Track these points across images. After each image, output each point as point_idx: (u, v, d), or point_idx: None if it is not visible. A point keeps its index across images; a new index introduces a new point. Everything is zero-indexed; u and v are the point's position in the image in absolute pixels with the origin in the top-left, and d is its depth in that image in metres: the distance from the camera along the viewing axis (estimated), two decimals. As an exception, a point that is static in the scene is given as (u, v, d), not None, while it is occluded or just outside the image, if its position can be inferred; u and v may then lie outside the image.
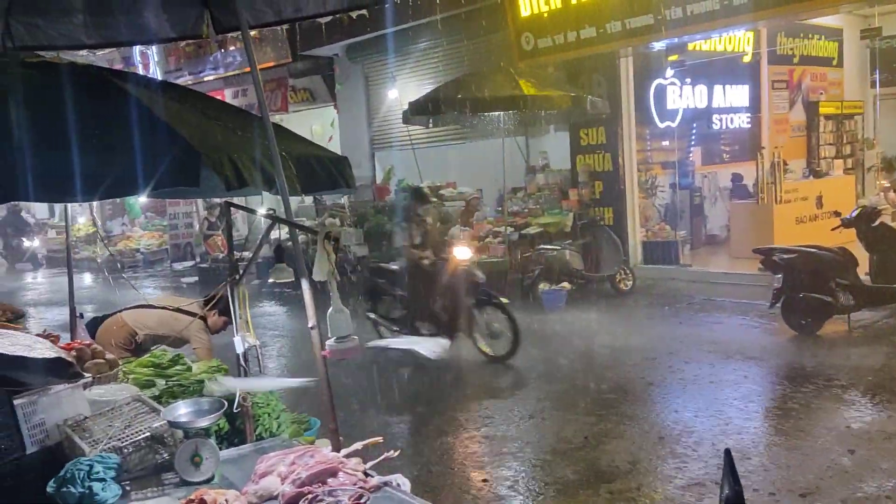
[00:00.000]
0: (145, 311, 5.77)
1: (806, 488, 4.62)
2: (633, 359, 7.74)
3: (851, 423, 5.63)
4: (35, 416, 3.12)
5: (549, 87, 10.75)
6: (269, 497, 2.71)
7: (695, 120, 13.09)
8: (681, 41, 11.30)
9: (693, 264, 11.91)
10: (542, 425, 6.06)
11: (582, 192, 12.11)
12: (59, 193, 3.35)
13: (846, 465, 4.91)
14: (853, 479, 4.71)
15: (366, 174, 16.01)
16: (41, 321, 11.00)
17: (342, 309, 2.99)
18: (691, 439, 5.54)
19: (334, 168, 4.09)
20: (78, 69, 3.81)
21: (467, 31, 13.26)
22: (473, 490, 5.00)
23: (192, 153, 3.26)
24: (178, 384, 4.30)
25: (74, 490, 2.64)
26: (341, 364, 3.44)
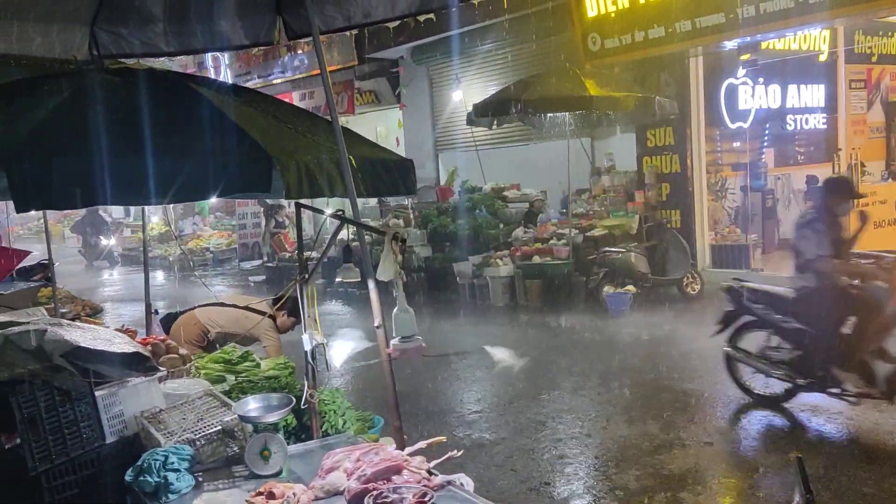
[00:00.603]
0: (217, 308, 5.96)
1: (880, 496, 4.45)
2: (700, 364, 7.57)
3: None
4: (114, 408, 3.26)
5: (615, 88, 10.63)
6: (335, 492, 2.77)
7: (768, 120, 12.71)
8: (753, 40, 10.97)
9: (765, 268, 11.55)
10: (605, 430, 5.99)
11: (648, 194, 11.91)
12: (136, 197, 3.47)
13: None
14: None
15: (429, 175, 16.11)
16: (117, 317, 11.45)
17: (407, 309, 3.02)
18: (762, 447, 5.40)
19: (398, 172, 4.15)
20: (156, 74, 3.97)
21: (533, 33, 13.20)
22: (536, 492, 4.98)
23: (263, 158, 3.35)
24: (247, 380, 4.44)
25: (151, 479, 2.75)
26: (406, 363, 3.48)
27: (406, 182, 4.19)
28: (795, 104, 13.11)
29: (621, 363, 7.92)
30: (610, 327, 9.49)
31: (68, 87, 3.52)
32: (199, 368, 4.48)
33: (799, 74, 12.87)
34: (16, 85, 3.73)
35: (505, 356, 8.42)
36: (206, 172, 3.38)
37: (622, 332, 9.21)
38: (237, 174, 3.42)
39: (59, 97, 3.42)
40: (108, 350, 3.26)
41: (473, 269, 11.86)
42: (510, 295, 11.45)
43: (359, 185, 3.74)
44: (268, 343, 5.65)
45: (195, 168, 3.35)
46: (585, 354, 8.32)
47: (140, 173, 3.19)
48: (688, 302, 10.57)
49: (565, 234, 11.34)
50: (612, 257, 10.57)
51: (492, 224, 12.83)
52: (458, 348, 8.80)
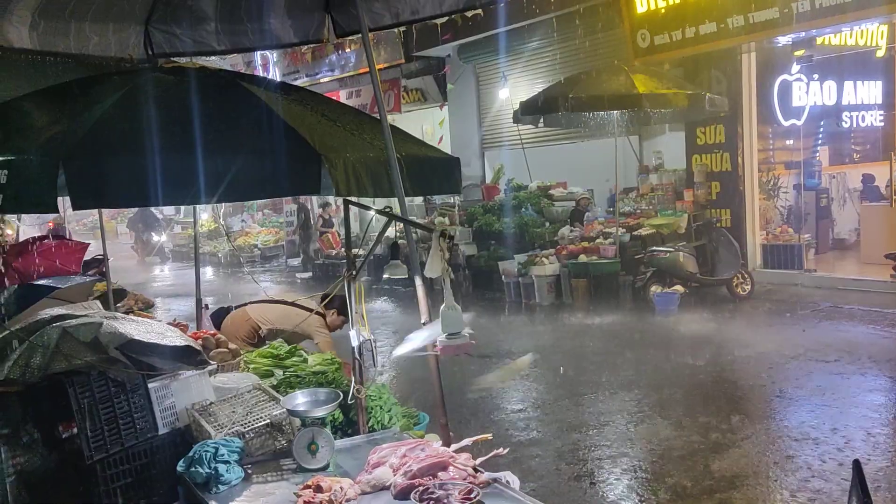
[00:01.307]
0: (268, 305, 6.04)
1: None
2: (750, 366, 7.42)
3: None
4: (167, 400, 3.33)
5: (665, 85, 10.46)
6: (381, 487, 2.78)
7: (822, 118, 12.39)
8: (808, 35, 10.69)
9: (818, 269, 11.27)
10: (652, 431, 5.91)
11: (698, 192, 11.71)
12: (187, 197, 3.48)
13: None
14: None
15: (475, 173, 16.10)
16: (168, 311, 11.71)
17: (454, 306, 3.01)
18: (814, 451, 5.27)
19: (444, 170, 4.14)
20: (208, 73, 4.03)
21: (580, 29, 13.08)
22: (582, 492, 4.93)
23: (313, 156, 3.37)
24: (294, 375, 4.48)
25: (202, 470, 2.80)
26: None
27: (452, 180, 4.18)
28: (851, 101, 12.75)
29: (669, 364, 7.79)
30: (657, 327, 9.35)
31: (123, 86, 3.60)
32: (248, 363, 4.55)
33: (855, 70, 12.50)
34: (73, 84, 3.82)
35: (548, 356, 8.37)
36: (256, 171, 3.42)
37: (670, 333, 9.07)
38: (287, 173, 3.45)
39: (114, 96, 3.49)
40: (160, 343, 3.33)
41: (519, 267, 11.81)
42: (556, 294, 11.38)
43: (405, 182, 3.74)
44: (320, 339, 5.71)
45: (245, 167, 3.37)
46: (632, 354, 8.21)
47: (191, 173, 3.22)
48: (738, 302, 10.36)
49: (612, 233, 11.21)
50: (659, 256, 10.42)
51: (538, 222, 12.76)
52: (503, 347, 8.77)
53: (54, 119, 3.34)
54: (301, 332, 5.73)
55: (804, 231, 11.81)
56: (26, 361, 3.17)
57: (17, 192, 3.00)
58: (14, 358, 3.19)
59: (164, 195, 3.25)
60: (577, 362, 8.03)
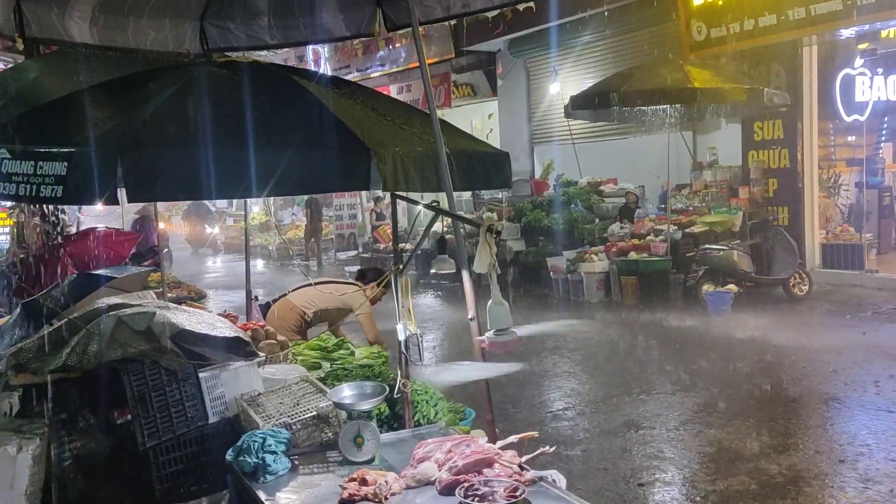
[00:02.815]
0: (309, 289, 6.09)
1: None
2: (806, 369, 7.21)
3: None
4: (217, 389, 3.39)
5: (721, 79, 10.23)
6: (426, 482, 2.77)
7: (886, 113, 11.97)
8: (872, 28, 10.33)
9: (880, 270, 10.90)
10: (702, 433, 5.78)
11: (754, 189, 11.43)
12: (238, 190, 3.54)
13: None
14: None
15: (524, 169, 15.99)
16: (220, 303, 11.94)
17: (502, 301, 2.98)
18: (872, 459, 5.08)
19: (493, 165, 4.11)
20: (260, 67, 4.08)
21: (633, 22, 12.88)
22: (629, 493, 4.86)
23: (362, 150, 3.38)
24: (341, 367, 4.52)
25: (250, 460, 2.83)
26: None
27: (501, 175, 4.15)
28: (918, 96, 12.27)
29: (720, 365, 7.62)
30: (709, 327, 9.15)
31: (178, 80, 3.66)
32: (295, 355, 4.60)
33: (922, 64, 12.02)
34: (130, 78, 3.91)
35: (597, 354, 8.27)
36: (306, 166, 3.44)
37: (722, 333, 8.86)
38: (337, 167, 3.46)
39: (169, 90, 3.56)
40: (211, 334, 3.38)
41: (567, 264, 11.70)
42: (605, 291, 11.25)
43: (454, 177, 3.73)
44: (362, 311, 5.73)
45: (295, 161, 3.40)
46: (683, 354, 8.06)
47: (242, 167, 3.27)
48: (794, 303, 10.08)
49: (663, 231, 11.01)
50: (712, 255, 10.20)
51: (587, 219, 12.62)
52: (551, 344, 8.69)
53: (112, 113, 3.41)
54: (345, 307, 5.79)
55: (866, 230, 11.43)
56: (83, 349, 3.25)
57: (76, 183, 3.07)
58: (72, 345, 3.28)
59: (216, 188, 3.30)
60: (626, 361, 7.92)
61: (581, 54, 14.56)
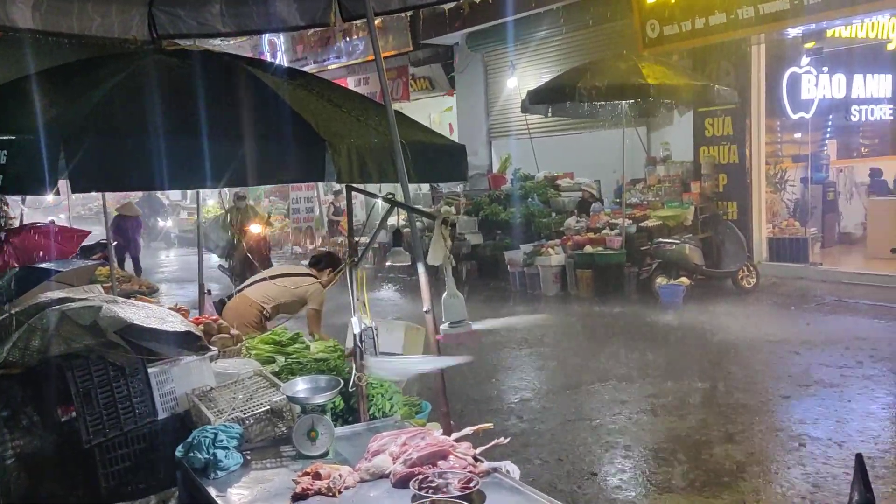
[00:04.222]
0: (266, 284, 6.03)
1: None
2: (755, 359, 7.39)
3: None
4: (166, 385, 3.32)
5: (673, 76, 10.38)
6: (380, 475, 2.76)
7: (831, 111, 12.31)
8: (818, 27, 10.60)
9: (824, 263, 11.21)
10: (655, 422, 5.89)
11: (705, 184, 11.63)
12: (191, 181, 3.47)
13: None
14: None
15: (482, 163, 16.03)
16: (173, 297, 11.72)
17: (457, 294, 2.99)
18: (817, 445, 5.24)
19: (450, 158, 4.10)
20: (213, 56, 3.99)
21: (589, 19, 12.99)
22: (583, 482, 4.92)
23: (317, 141, 3.33)
24: (296, 361, 4.46)
25: (200, 455, 2.78)
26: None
27: (458, 168, 4.14)
28: (861, 94, 12.66)
29: (672, 356, 7.77)
30: (662, 319, 9.31)
31: (126, 68, 3.56)
32: (249, 349, 4.53)
33: (865, 63, 12.41)
34: (75, 65, 3.79)
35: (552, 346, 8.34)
36: (260, 156, 3.37)
37: (674, 325, 9.03)
38: (292, 158, 3.41)
39: (116, 78, 3.45)
40: (161, 328, 3.31)
41: (524, 257, 11.78)
42: (561, 284, 11.35)
43: (410, 169, 3.70)
44: (314, 305, 5.74)
45: (249, 152, 3.33)
46: (636, 346, 8.18)
47: (194, 157, 3.18)
48: (743, 295, 10.31)
49: (618, 225, 11.16)
50: (665, 248, 10.37)
51: (544, 213, 12.72)
52: (507, 337, 8.74)
53: (56, 100, 3.30)
54: (301, 300, 5.79)
55: (810, 225, 11.74)
56: (25, 344, 3.16)
57: (17, 173, 2.97)
58: (13, 340, 3.19)
59: (167, 179, 3.21)
60: (581, 353, 8.01)
61: (538, 49, 14.63)
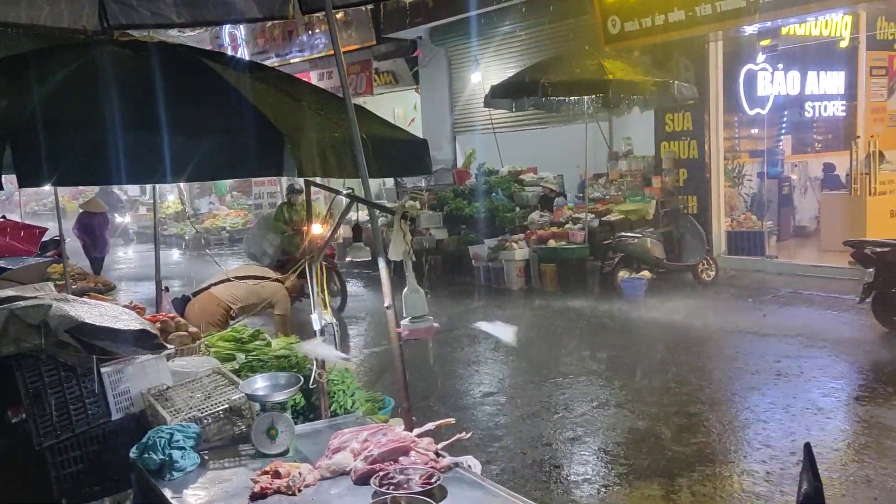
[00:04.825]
0: (234, 284, 5.96)
1: (887, 489, 4.40)
2: (713, 350, 7.51)
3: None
4: (121, 385, 3.25)
5: (634, 72, 10.47)
6: (341, 472, 2.74)
7: (786, 107, 12.53)
8: (774, 25, 10.80)
9: (779, 256, 11.45)
10: (617, 415, 5.95)
11: (666, 179, 11.78)
12: (147, 175, 3.39)
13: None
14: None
15: (446, 157, 16.02)
16: (132, 294, 11.50)
17: (418, 289, 2.96)
18: (773, 434, 5.35)
19: (412, 152, 4.07)
20: (168, 48, 3.91)
21: (552, 14, 13.05)
22: (545, 476, 4.94)
23: (275, 135, 3.29)
24: (257, 359, 4.40)
25: (156, 456, 2.72)
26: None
27: (421, 162, 4.12)
28: (814, 91, 12.92)
29: (634, 349, 7.86)
30: (624, 313, 9.41)
31: (76, 59, 3.46)
32: (208, 346, 4.46)
33: (819, 61, 12.66)
34: (23, 57, 3.68)
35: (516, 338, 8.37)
36: (218, 150, 3.31)
37: (636, 318, 9.14)
38: (249, 153, 3.36)
39: (67, 70, 3.36)
40: (114, 327, 3.23)
41: (489, 252, 11.81)
42: (525, 278, 11.40)
43: (372, 164, 3.67)
44: (280, 310, 5.71)
45: (205, 146, 3.27)
46: (599, 339, 8.26)
47: (147, 151, 3.11)
48: (703, 288, 10.47)
49: (581, 219, 11.24)
50: (628, 242, 10.48)
51: (508, 207, 12.75)
52: (471, 331, 8.75)
53: (2, 92, 3.20)
54: (265, 303, 5.77)
55: (767, 218, 11.97)
56: (-27, 344, 3.06)
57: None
58: (-40, 340, 3.08)
59: (119, 174, 3.13)
60: (544, 347, 8.05)
61: (501, 44, 14.65)
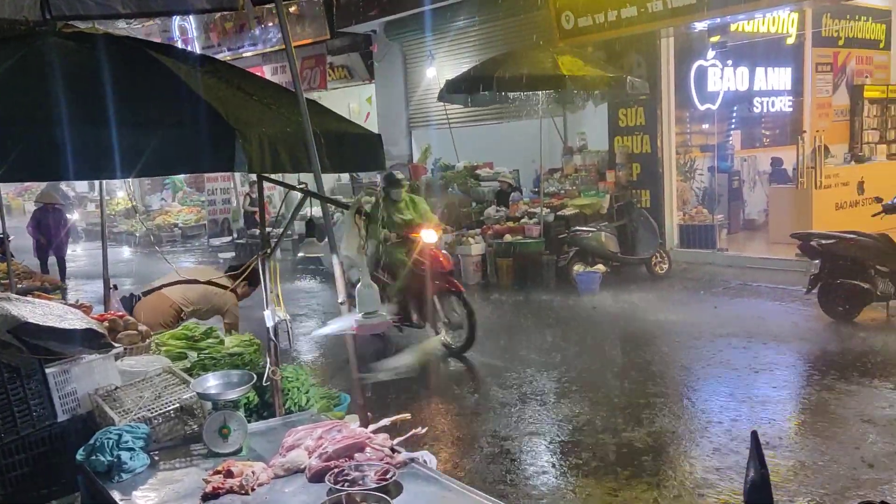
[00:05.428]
0: (187, 286, 5.86)
1: (833, 474, 4.53)
2: (666, 343, 7.64)
3: (885, 410, 5.50)
4: (67, 385, 3.16)
5: (588, 67, 10.58)
6: (295, 470, 2.71)
7: (735, 103, 12.79)
8: (723, 22, 11.01)
9: (730, 249, 11.70)
10: (571, 406, 6.01)
11: (619, 173, 11.94)
12: (97, 170, 3.31)
13: (876, 452, 4.78)
14: (884, 468, 4.59)
15: (402, 153, 15.96)
16: (80, 293, 11.23)
17: (371, 284, 2.96)
18: (723, 423, 5.47)
19: (366, 147, 4.05)
20: (114, 40, 3.81)
21: (506, 9, 13.09)
22: (500, 469, 4.98)
23: (226, 130, 3.23)
24: (209, 357, 4.34)
25: (103, 458, 2.66)
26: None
27: (374, 157, 4.09)
28: (762, 87, 13.21)
29: (588, 342, 7.95)
30: (579, 306, 9.52)
31: (18, 51, 3.36)
32: (159, 345, 4.39)
33: (767, 57, 12.94)
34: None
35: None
36: (168, 145, 3.24)
37: (591, 311, 9.25)
38: (200, 147, 3.30)
39: (8, 63, 3.26)
40: (58, 326, 3.15)
41: (445, 247, 11.80)
42: (482, 273, 11.45)
43: (325, 159, 3.64)
44: (231, 319, 5.62)
45: (157, 140, 3.20)
46: (554, 333, 8.34)
47: (96, 145, 3.04)
48: (656, 281, 10.65)
49: (537, 213, 11.32)
50: (582, 236, 10.59)
51: (464, 202, 12.77)
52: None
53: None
54: (215, 309, 5.67)
55: (718, 212, 12.21)
56: None
57: None
58: None
59: (66, 169, 3.05)
60: (500, 341, 8.09)
61: (455, 39, 14.64)
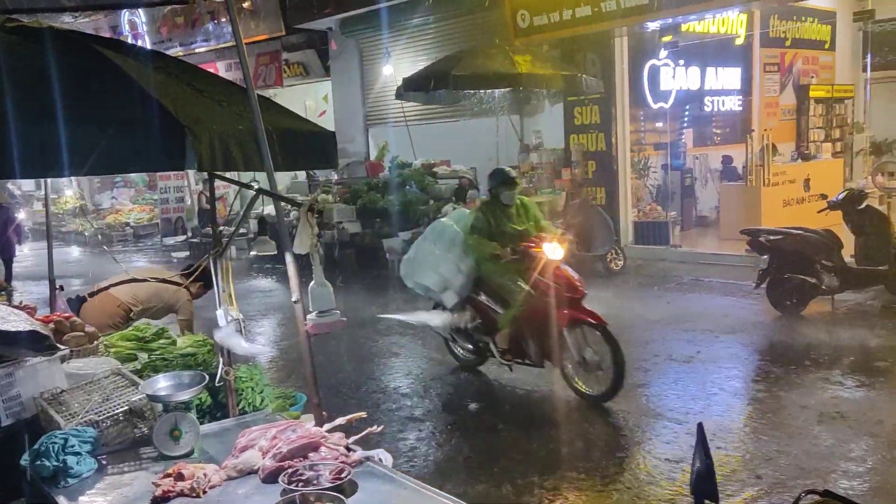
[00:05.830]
0: (136, 284, 5.75)
1: (779, 465, 4.65)
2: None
3: (831, 401, 5.67)
4: (10, 389, 3.09)
5: (543, 66, 10.65)
6: (248, 471, 2.69)
7: (687, 102, 13.03)
8: (675, 22, 11.22)
9: (683, 245, 11.92)
10: (524, 401, 6.06)
11: (575, 171, 12.06)
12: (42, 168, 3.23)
13: (822, 442, 4.93)
14: (829, 457, 4.73)
15: (359, 150, 15.89)
16: (25, 295, 10.92)
17: (324, 283, 2.94)
18: (674, 415, 5.57)
19: (319, 144, 4.02)
20: (60, 35, 3.72)
21: (462, 7, 13.11)
22: (457, 467, 4.99)
23: (176, 127, 3.18)
24: (161, 358, 4.26)
25: (49, 463, 2.61)
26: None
27: (327, 155, 4.07)
28: (713, 86, 13.47)
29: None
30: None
31: (-43, 45, 3.26)
32: (108, 347, 4.30)
33: (717, 57, 13.21)
34: None
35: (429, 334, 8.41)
36: (117, 143, 3.18)
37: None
38: (150, 145, 3.24)
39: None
40: (1, 328, 3.07)
41: (403, 245, 11.77)
42: (438, 271, 11.43)
43: (277, 156, 3.60)
44: (185, 316, 5.54)
45: (105, 139, 3.13)
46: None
47: (43, 143, 2.97)
48: (611, 277, 10.78)
49: (493, 211, 11.34)
50: (538, 234, 10.65)
51: (422, 200, 12.77)
52: (384, 325, 8.74)
53: None
54: (169, 308, 5.58)
55: (671, 209, 12.42)
56: None
57: None
58: None
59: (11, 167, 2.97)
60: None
61: (412, 36, 14.62)
